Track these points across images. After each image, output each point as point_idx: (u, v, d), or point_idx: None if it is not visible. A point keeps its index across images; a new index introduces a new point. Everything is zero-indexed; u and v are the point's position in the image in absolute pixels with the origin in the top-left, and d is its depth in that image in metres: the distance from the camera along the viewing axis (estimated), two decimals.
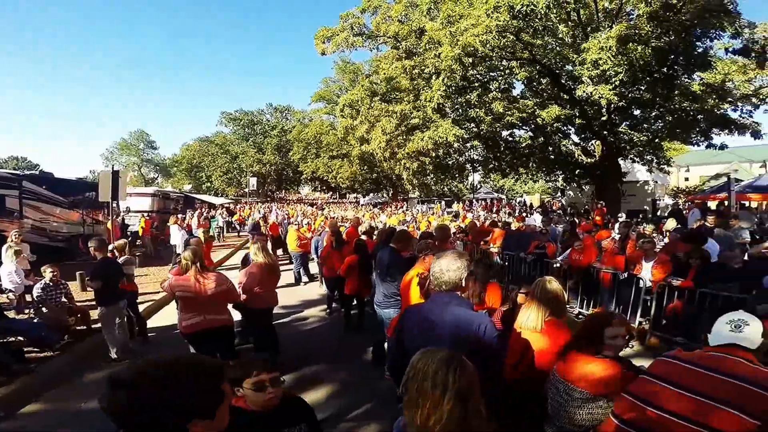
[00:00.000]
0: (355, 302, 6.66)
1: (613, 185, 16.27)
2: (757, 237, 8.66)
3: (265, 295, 4.99)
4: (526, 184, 34.11)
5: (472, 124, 16.92)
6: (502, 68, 16.09)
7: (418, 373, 1.39)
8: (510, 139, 18.63)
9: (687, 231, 7.76)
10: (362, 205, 39.34)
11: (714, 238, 7.02)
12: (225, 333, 4.15)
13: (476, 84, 15.35)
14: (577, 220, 13.47)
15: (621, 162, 17.18)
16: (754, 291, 5.04)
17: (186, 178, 56.52)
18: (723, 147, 16.31)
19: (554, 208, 20.18)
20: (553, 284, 2.77)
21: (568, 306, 7.18)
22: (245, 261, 6.19)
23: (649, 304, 6.09)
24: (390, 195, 42.01)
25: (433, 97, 14.09)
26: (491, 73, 16.27)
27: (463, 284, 2.14)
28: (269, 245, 13.29)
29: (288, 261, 11.70)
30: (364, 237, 7.73)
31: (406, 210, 24.39)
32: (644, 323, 6.14)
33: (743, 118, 16.12)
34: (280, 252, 13.48)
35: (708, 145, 16.37)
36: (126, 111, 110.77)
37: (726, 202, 12.36)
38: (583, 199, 20.55)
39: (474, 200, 30.90)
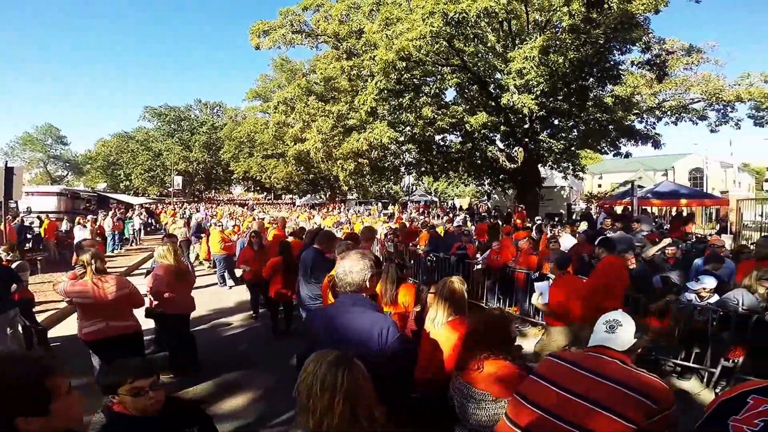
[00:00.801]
0: (282, 306, 6.50)
1: (533, 190, 17.34)
2: (657, 240, 9.61)
3: (178, 300, 4.75)
4: (457, 188, 35.42)
5: (407, 127, 17.22)
6: (435, 74, 16.51)
7: (309, 376, 1.40)
8: (442, 143, 19.21)
9: (591, 233, 8.46)
10: (298, 206, 38.71)
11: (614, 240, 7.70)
12: (131, 340, 3.92)
13: (410, 88, 15.63)
14: (500, 222, 14.22)
15: (541, 168, 18.33)
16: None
17: (101, 177, 51.91)
18: (627, 155, 17.98)
19: (481, 211, 21.12)
20: (455, 284, 2.85)
21: (487, 305, 7.57)
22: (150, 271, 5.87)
23: None
24: (327, 196, 41.68)
25: (366, 101, 14.19)
26: (427, 78, 16.64)
27: (368, 285, 2.15)
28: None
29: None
30: (291, 238, 7.60)
31: (341, 212, 24.38)
32: None
33: (647, 129, 17.81)
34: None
35: (615, 154, 17.97)
36: (36, 106, 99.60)
37: (630, 207, 13.65)
38: (507, 202, 21.75)
39: (409, 202, 31.62)
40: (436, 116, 15.89)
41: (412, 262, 9.62)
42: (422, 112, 15.30)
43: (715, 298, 4.84)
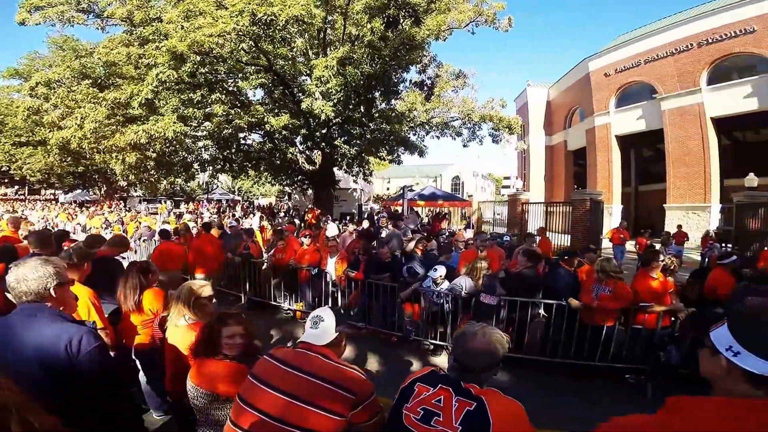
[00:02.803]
0: None
1: (328, 191, 18.37)
2: (423, 235, 11.31)
3: None
4: (264, 187, 34.65)
5: (205, 122, 16.04)
6: (239, 72, 15.86)
7: None
8: (243, 141, 18.62)
9: (364, 230, 9.52)
10: (61, 203, 31.97)
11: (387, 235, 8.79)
12: None
13: (206, 83, 14.64)
14: (298, 221, 14.64)
15: (337, 171, 19.41)
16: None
17: None
18: (400, 162, 20.56)
19: (281, 210, 21.27)
20: (194, 286, 2.86)
21: (278, 303, 7.72)
22: None
23: (335, 295, 7.07)
24: (103, 192, 35.44)
25: (143, 91, 12.75)
26: (231, 75, 15.88)
27: (53, 294, 1.94)
28: None
29: None
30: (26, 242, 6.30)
31: (113, 210, 21.15)
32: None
33: (418, 141, 20.49)
34: None
35: (391, 161, 20.37)
36: None
37: (401, 207, 15.83)
38: (306, 202, 22.52)
39: (205, 201, 29.48)
40: (230, 114, 15.22)
41: None
42: (213, 109, 14.44)
43: (447, 284, 5.74)
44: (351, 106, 15.55)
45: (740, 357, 1.00)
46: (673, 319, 4.95)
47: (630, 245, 13.55)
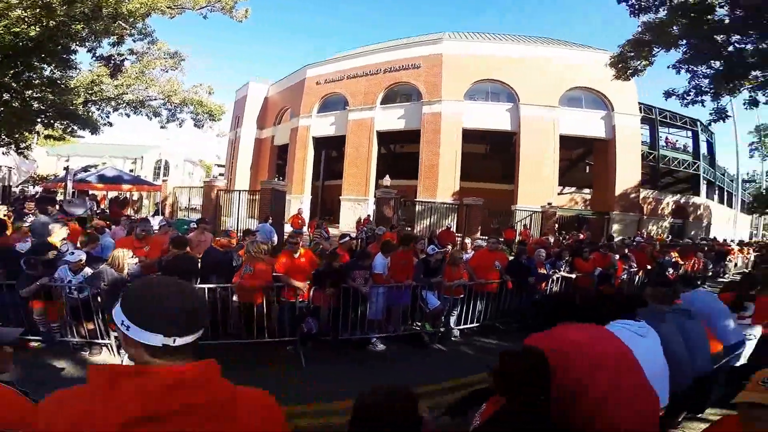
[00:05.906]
0: None
1: None
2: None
3: None
4: None
5: None
6: None
7: None
8: None
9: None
10: None
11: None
12: None
13: None
14: None
15: None
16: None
17: None
18: (62, 138, 17.61)
19: None
20: None
21: None
22: None
23: None
24: None
25: None
26: None
27: None
28: None
29: None
30: None
31: None
32: None
33: (104, 117, 18.07)
34: None
35: (47, 136, 17.05)
36: None
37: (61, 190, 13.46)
38: None
39: None
40: None
41: None
42: None
43: (89, 271, 5.26)
44: None
45: (132, 330, 1.09)
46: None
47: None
